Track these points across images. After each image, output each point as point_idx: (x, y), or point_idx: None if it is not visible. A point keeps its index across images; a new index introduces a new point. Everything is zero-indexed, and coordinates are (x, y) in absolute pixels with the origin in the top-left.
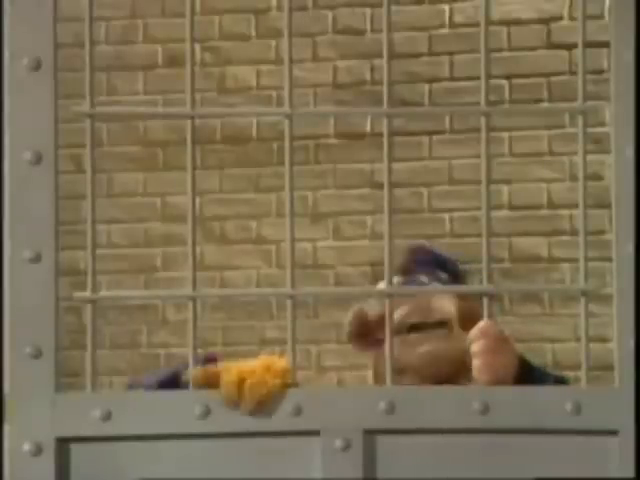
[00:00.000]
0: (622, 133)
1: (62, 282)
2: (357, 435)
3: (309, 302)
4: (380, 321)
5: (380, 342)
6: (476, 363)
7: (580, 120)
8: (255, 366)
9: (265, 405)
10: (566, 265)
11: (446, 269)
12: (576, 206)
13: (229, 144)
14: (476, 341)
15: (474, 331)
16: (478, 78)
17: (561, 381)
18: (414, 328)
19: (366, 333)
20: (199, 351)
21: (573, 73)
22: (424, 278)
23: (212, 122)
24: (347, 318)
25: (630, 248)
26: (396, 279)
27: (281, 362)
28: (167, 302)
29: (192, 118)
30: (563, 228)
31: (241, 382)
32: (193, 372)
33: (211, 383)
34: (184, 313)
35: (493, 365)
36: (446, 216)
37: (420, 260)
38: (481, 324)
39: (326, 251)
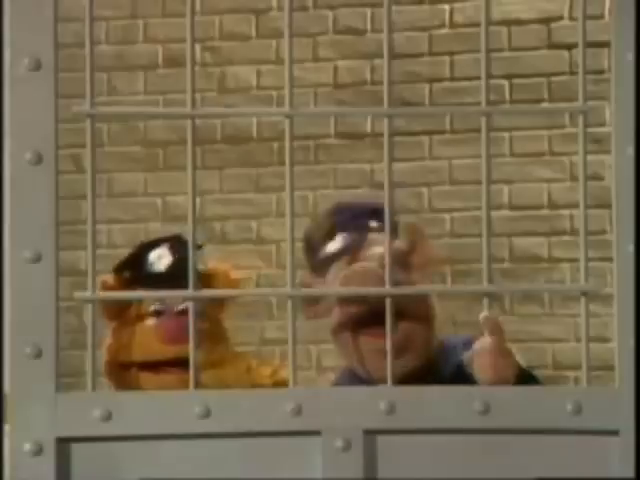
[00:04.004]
0: (622, 133)
1: (62, 282)
2: (357, 435)
3: None
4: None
5: (328, 309)
6: (480, 362)
7: (580, 120)
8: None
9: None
10: (566, 265)
11: (375, 215)
12: (576, 206)
13: (229, 144)
14: (482, 339)
15: (484, 325)
16: (478, 78)
17: None
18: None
19: (314, 301)
20: None
21: (573, 73)
22: (361, 234)
23: (212, 122)
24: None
25: (630, 248)
26: (327, 249)
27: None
28: None
29: (192, 118)
30: (563, 228)
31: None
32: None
33: None
34: None
35: (497, 365)
36: (446, 216)
37: (343, 220)
38: (489, 321)
39: None
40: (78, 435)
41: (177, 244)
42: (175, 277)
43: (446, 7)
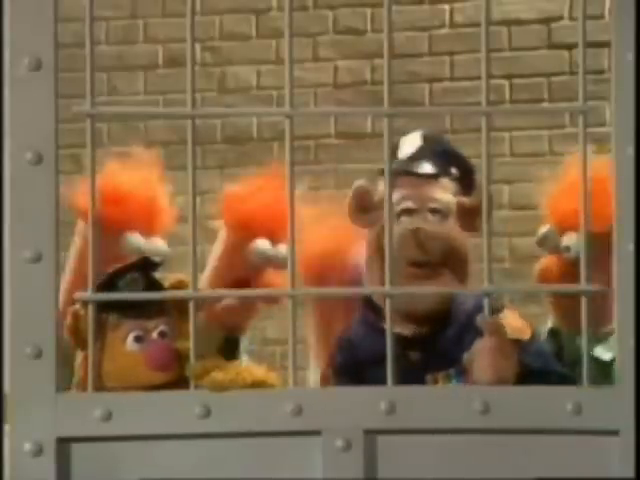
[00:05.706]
0: (622, 133)
1: None
2: (358, 435)
3: None
4: (381, 200)
5: (380, 218)
6: (480, 362)
7: (580, 120)
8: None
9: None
10: None
11: (457, 164)
12: None
13: (229, 144)
14: (482, 339)
15: (482, 326)
16: (478, 78)
17: (563, 378)
18: (406, 212)
19: (366, 210)
20: None
21: (573, 73)
22: (428, 167)
23: (212, 122)
24: (349, 193)
25: (630, 248)
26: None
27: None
28: None
29: (192, 118)
30: None
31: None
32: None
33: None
34: None
35: (496, 366)
36: None
37: (429, 149)
38: (489, 322)
39: None
40: (78, 435)
41: (145, 267)
42: (149, 300)
43: (446, 7)
